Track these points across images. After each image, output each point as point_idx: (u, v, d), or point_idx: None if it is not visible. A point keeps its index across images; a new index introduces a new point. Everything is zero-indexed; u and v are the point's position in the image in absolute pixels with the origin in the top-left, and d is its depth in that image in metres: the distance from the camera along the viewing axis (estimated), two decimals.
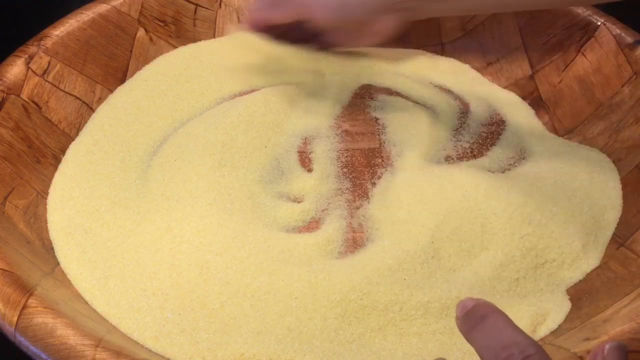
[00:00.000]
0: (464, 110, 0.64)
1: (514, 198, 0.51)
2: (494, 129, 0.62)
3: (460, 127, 0.62)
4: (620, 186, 0.55)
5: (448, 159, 0.59)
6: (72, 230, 0.51)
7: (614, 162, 0.57)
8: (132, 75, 0.64)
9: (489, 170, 0.56)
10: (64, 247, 0.50)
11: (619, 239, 0.52)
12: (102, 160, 0.56)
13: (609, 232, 0.52)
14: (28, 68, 0.57)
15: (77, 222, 0.51)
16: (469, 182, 0.52)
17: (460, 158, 0.59)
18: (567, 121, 0.62)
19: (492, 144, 0.60)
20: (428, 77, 0.67)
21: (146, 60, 0.65)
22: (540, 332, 0.46)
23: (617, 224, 0.53)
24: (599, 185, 0.55)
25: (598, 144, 0.58)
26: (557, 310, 0.47)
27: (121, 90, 0.63)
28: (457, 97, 0.65)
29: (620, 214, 0.53)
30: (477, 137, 0.61)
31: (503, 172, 0.57)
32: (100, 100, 0.62)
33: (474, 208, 0.51)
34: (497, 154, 0.59)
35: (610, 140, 0.58)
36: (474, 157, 0.59)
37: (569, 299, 0.49)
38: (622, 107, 0.58)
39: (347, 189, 0.56)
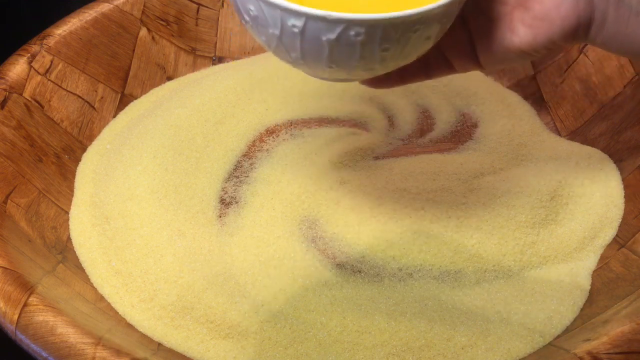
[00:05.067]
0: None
1: None
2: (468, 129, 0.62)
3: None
4: (622, 187, 0.55)
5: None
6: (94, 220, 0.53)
7: (615, 163, 0.57)
8: (134, 75, 0.64)
9: (481, 173, 0.57)
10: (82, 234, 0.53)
11: (620, 240, 0.52)
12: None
13: (610, 233, 0.52)
14: (30, 67, 0.57)
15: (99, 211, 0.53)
16: None
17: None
18: (569, 122, 0.62)
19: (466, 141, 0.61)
20: None
21: (148, 59, 0.65)
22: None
23: (619, 225, 0.53)
24: (600, 186, 0.55)
25: (600, 145, 0.58)
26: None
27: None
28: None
29: (621, 215, 0.53)
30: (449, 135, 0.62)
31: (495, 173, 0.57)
32: (103, 100, 0.62)
33: None
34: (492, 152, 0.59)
35: (612, 141, 0.58)
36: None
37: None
38: (624, 107, 0.58)
39: None
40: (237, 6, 0.36)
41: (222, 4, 0.69)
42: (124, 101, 0.64)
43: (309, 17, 0.32)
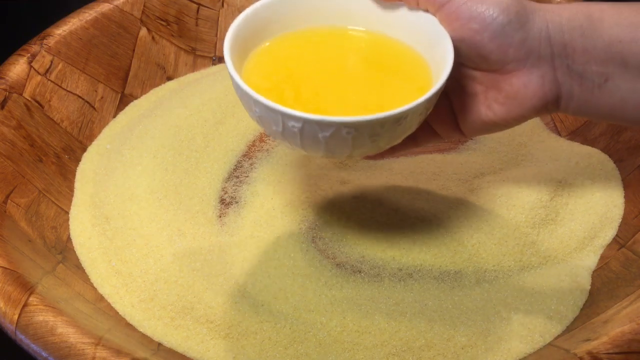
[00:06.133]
0: None
1: None
2: None
3: None
4: (622, 187, 0.55)
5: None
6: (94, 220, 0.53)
7: (615, 163, 0.57)
8: (134, 75, 0.64)
9: (481, 173, 0.57)
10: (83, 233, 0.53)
11: (620, 240, 0.52)
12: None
13: (610, 233, 0.52)
14: (30, 67, 0.57)
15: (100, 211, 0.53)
16: None
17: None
18: (569, 122, 0.62)
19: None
20: None
21: (148, 59, 0.65)
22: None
23: (618, 225, 0.53)
24: (600, 187, 0.55)
25: (600, 145, 0.58)
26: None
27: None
28: None
29: (621, 215, 0.53)
30: None
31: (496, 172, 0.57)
32: (103, 100, 0.62)
33: None
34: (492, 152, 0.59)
35: (612, 141, 0.58)
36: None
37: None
38: None
39: None
40: (244, 105, 0.41)
41: (222, 4, 0.69)
42: (124, 101, 0.64)
43: (305, 121, 0.37)
